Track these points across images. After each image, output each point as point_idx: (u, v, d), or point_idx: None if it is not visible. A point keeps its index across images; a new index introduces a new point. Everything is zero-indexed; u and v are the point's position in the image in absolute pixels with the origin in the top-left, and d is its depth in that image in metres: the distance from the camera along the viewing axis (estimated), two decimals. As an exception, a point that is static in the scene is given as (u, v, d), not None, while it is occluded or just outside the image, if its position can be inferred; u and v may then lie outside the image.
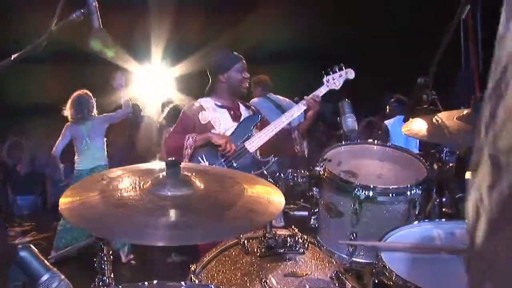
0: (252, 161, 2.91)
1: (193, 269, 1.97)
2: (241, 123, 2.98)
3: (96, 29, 1.59)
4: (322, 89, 2.97)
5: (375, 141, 2.05)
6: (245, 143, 2.90)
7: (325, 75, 2.97)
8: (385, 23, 8.05)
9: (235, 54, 3.02)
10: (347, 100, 2.37)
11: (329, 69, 2.98)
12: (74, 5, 1.58)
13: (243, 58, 3.01)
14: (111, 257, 1.70)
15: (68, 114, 4.79)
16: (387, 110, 5.56)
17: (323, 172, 1.84)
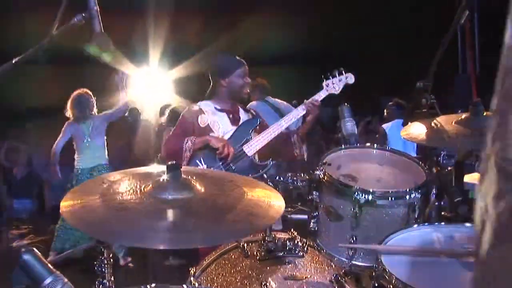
0: (250, 165, 2.90)
1: (193, 272, 1.97)
2: (239, 126, 2.98)
3: (98, 33, 1.59)
4: (321, 93, 2.98)
5: (374, 145, 2.06)
6: (243, 147, 2.90)
7: (324, 79, 2.97)
8: (384, 24, 8.07)
9: (238, 58, 3.01)
10: (346, 104, 2.38)
11: (329, 74, 2.97)
12: (75, 9, 1.59)
13: (245, 63, 3.00)
14: (111, 260, 1.71)
15: (69, 113, 4.80)
16: (385, 114, 5.58)
17: (323, 176, 1.85)
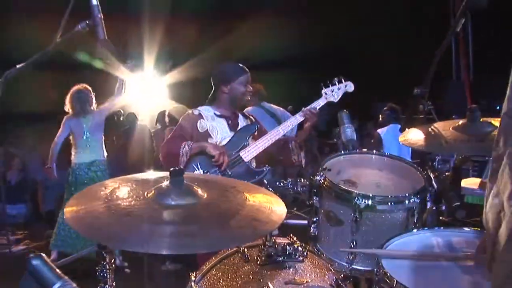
0: (247, 171, 2.91)
1: (193, 277, 1.98)
2: (237, 132, 2.98)
3: (102, 40, 1.61)
4: (320, 101, 2.99)
5: (373, 151, 2.09)
6: (240, 152, 2.91)
7: (323, 87, 2.98)
8: (380, 27, 8.13)
9: (241, 66, 3.01)
10: (345, 111, 2.41)
11: (328, 82, 2.98)
12: (80, 16, 1.61)
13: (248, 71, 3.00)
14: (113, 265, 1.72)
15: (68, 108, 4.80)
16: (380, 119, 5.61)
17: (323, 181, 1.87)
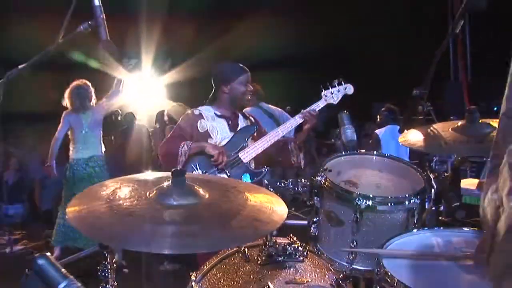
0: (246, 172, 2.92)
1: (194, 277, 1.98)
2: (237, 133, 2.99)
3: (104, 40, 1.62)
4: (319, 103, 2.98)
5: (374, 151, 2.10)
6: (239, 153, 2.92)
7: (323, 89, 2.98)
8: (380, 26, 8.16)
9: (241, 66, 3.02)
10: (346, 112, 2.42)
11: (328, 84, 2.98)
12: (81, 17, 1.61)
13: (248, 70, 3.00)
14: (114, 265, 1.72)
15: (67, 103, 4.78)
16: (378, 119, 5.63)
17: (324, 181, 1.89)
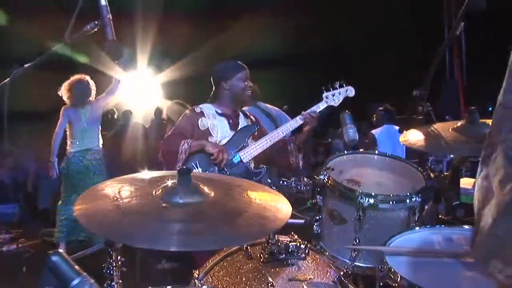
0: (245, 171, 2.92)
1: (196, 274, 2.00)
2: (237, 132, 3.00)
3: (110, 40, 1.63)
4: (320, 104, 2.99)
5: (375, 151, 2.13)
6: (239, 153, 2.94)
7: (324, 91, 2.99)
8: (380, 26, 8.19)
9: (239, 63, 3.05)
10: (347, 112, 2.45)
11: (329, 85, 2.99)
12: (87, 17, 1.62)
13: (246, 67, 3.03)
14: (119, 263, 1.74)
15: (66, 98, 4.76)
16: (374, 119, 5.66)
17: (327, 180, 1.91)
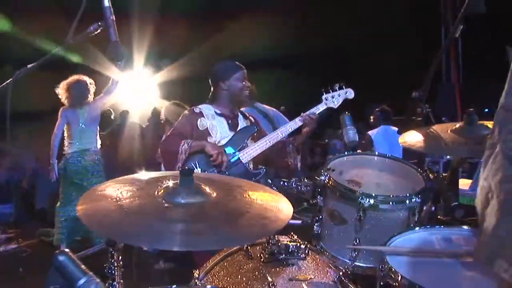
0: (244, 172, 2.93)
1: (197, 274, 2.01)
2: (237, 133, 3.01)
3: (114, 42, 1.64)
4: (319, 106, 3.01)
5: (376, 152, 2.15)
6: (238, 153, 2.94)
7: (324, 92, 3.00)
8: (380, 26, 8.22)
9: (236, 63, 3.06)
10: (347, 113, 2.47)
11: (329, 87, 3.00)
12: (91, 18, 1.63)
13: (243, 67, 3.05)
14: (121, 262, 1.75)
15: (64, 98, 4.74)
16: (371, 120, 5.69)
17: (327, 181, 1.93)
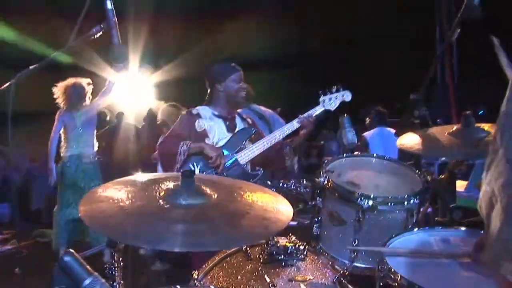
0: (242, 173, 2.94)
1: (196, 275, 2.02)
2: (235, 134, 3.02)
3: (117, 44, 1.65)
4: (317, 108, 3.02)
5: (374, 154, 2.17)
6: (236, 154, 2.97)
7: (322, 95, 3.01)
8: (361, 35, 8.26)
9: (232, 64, 3.06)
10: (346, 115, 2.49)
11: (326, 90, 3.01)
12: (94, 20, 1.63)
13: (240, 68, 3.05)
14: (121, 263, 1.76)
15: (61, 101, 4.73)
16: (366, 122, 5.71)
17: (326, 182, 1.95)
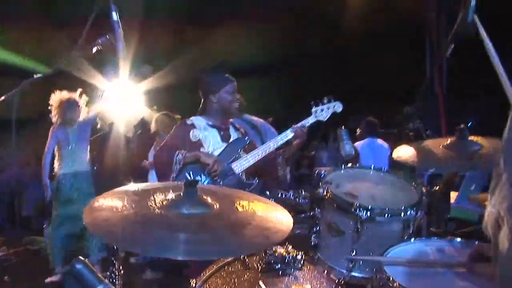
0: (237, 182, 2.96)
1: (194, 283, 2.04)
2: (230, 144, 3.05)
3: (121, 54, 1.67)
4: (309, 119, 3.08)
5: (372, 166, 2.22)
6: (231, 164, 2.99)
7: (314, 105, 3.07)
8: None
9: (226, 75, 3.07)
10: (343, 128, 2.54)
11: (318, 101, 3.07)
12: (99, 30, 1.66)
13: (233, 79, 3.08)
14: (121, 271, 1.77)
15: (55, 117, 4.72)
16: (357, 132, 5.76)
17: (325, 193, 1.99)
